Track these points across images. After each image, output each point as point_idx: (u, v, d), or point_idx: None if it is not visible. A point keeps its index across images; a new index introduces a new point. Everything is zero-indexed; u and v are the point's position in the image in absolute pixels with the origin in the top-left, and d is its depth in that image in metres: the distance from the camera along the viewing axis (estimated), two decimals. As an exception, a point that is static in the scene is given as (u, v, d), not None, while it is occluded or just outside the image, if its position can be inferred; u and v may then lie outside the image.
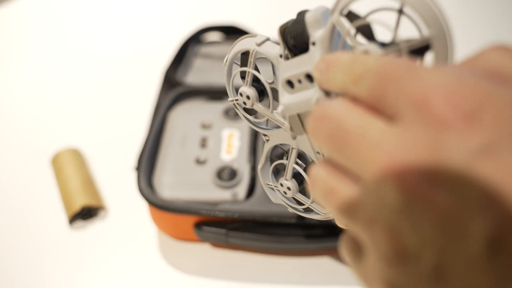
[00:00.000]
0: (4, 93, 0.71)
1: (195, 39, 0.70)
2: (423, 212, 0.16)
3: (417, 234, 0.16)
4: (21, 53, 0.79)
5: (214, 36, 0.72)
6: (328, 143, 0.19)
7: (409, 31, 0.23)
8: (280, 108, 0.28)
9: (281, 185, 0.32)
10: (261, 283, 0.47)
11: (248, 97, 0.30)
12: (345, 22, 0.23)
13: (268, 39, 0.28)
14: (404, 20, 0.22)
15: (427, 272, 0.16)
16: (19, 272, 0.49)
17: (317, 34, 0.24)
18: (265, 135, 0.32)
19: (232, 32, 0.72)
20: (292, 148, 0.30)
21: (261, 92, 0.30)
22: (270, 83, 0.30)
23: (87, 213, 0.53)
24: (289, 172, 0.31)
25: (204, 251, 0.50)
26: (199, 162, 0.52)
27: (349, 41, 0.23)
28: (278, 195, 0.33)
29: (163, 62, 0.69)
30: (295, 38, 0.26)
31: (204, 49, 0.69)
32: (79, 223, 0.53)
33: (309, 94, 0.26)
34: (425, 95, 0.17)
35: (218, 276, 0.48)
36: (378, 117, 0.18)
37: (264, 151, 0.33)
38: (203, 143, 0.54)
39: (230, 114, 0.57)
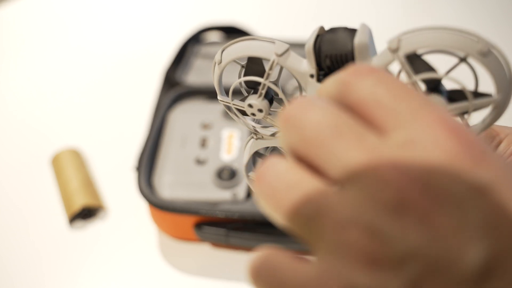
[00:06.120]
0: (4, 93, 0.71)
1: (195, 39, 0.70)
2: (415, 220, 0.15)
3: (405, 241, 0.15)
4: (20, 53, 0.79)
5: (214, 36, 0.72)
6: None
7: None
8: None
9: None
10: (261, 283, 0.47)
11: (260, 110, 0.26)
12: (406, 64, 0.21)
13: (289, 49, 0.24)
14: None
15: (404, 283, 0.15)
16: (19, 272, 0.49)
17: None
18: (258, 133, 0.28)
19: (232, 32, 0.72)
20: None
21: (270, 101, 0.27)
22: (273, 82, 0.26)
23: (87, 213, 0.53)
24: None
25: (204, 251, 0.50)
26: (199, 162, 0.52)
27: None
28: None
29: (163, 62, 0.68)
30: (333, 60, 0.23)
31: (204, 49, 0.69)
32: (79, 223, 0.53)
33: None
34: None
35: (218, 276, 0.48)
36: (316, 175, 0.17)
37: (251, 148, 0.30)
38: (203, 143, 0.54)
39: (230, 114, 0.57)
